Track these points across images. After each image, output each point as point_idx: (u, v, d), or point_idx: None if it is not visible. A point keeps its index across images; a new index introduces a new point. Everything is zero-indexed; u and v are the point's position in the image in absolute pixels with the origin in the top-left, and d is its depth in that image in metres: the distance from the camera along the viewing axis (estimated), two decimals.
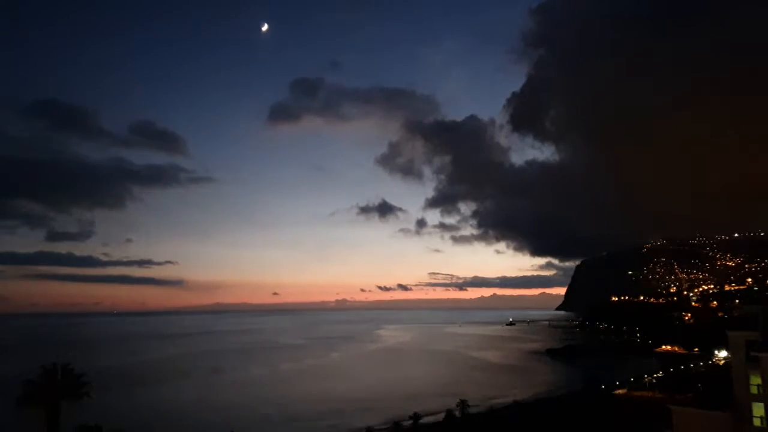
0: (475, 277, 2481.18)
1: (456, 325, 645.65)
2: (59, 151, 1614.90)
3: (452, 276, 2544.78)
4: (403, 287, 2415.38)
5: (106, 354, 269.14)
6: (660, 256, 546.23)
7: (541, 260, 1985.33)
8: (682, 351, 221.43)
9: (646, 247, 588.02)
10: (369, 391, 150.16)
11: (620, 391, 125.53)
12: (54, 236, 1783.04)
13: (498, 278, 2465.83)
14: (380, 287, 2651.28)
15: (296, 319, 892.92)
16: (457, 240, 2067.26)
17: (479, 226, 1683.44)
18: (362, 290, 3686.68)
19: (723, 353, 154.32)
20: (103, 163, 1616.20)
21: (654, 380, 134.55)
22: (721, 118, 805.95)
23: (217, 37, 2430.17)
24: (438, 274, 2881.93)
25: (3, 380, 76.15)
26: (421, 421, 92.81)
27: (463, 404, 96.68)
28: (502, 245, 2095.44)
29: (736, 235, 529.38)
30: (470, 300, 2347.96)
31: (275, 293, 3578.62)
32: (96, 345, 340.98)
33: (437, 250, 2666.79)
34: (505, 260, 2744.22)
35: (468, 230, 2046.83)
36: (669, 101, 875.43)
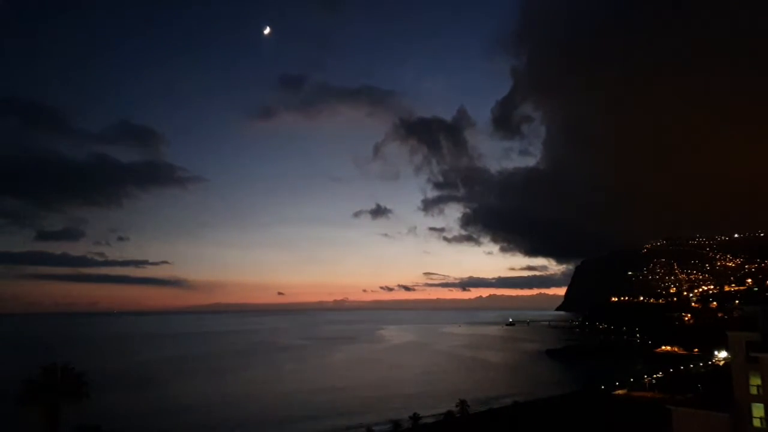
0: (470, 278, 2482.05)
1: (456, 325, 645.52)
2: (40, 150, 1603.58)
3: (447, 276, 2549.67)
4: (405, 288, 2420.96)
5: (105, 354, 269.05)
6: (660, 257, 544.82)
7: (538, 261, 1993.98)
8: (682, 351, 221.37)
9: (646, 248, 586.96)
10: (369, 391, 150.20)
11: (620, 391, 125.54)
12: (44, 235, 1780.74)
13: (495, 279, 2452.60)
14: (383, 287, 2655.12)
15: (296, 319, 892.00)
16: (450, 240, 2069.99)
17: (473, 227, 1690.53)
18: (364, 291, 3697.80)
19: (723, 354, 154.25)
20: (90, 162, 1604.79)
21: (654, 380, 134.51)
22: (720, 117, 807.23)
23: (202, 36, 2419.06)
24: (434, 274, 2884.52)
25: (2, 380, 76.07)
26: (421, 421, 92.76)
27: (463, 404, 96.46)
28: (498, 246, 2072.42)
29: (736, 235, 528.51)
30: (468, 300, 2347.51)
31: (280, 293, 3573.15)
32: (95, 345, 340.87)
33: (431, 251, 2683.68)
34: (501, 261, 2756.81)
35: (461, 231, 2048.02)
36: (668, 100, 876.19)
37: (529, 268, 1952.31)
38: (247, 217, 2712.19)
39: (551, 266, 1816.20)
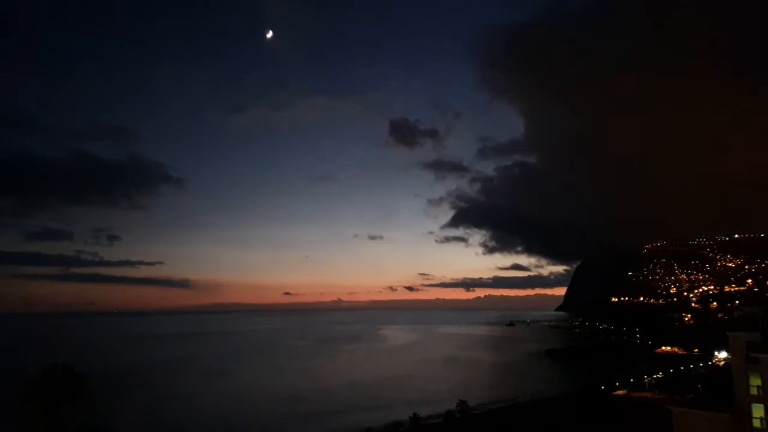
0: (465, 278, 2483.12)
1: (455, 325, 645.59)
2: (20, 150, 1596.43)
3: (444, 277, 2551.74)
4: (409, 288, 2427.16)
5: (105, 354, 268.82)
6: (660, 257, 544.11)
7: (535, 261, 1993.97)
8: (682, 352, 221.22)
9: (646, 248, 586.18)
10: (369, 391, 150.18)
11: (620, 392, 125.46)
12: (35, 236, 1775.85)
13: (491, 279, 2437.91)
14: (386, 288, 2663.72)
15: (298, 320, 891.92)
16: (443, 241, 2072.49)
17: (466, 227, 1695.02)
18: (368, 291, 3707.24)
19: (723, 354, 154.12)
20: (75, 161, 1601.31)
21: (654, 381, 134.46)
22: (720, 118, 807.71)
23: (189, 34, 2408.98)
24: (429, 275, 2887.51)
25: (2, 380, 76.02)
26: (421, 421, 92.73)
27: (462, 405, 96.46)
28: (493, 246, 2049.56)
29: (736, 236, 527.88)
30: (467, 300, 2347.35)
31: (287, 293, 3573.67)
32: (94, 345, 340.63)
33: (425, 252, 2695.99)
34: (497, 261, 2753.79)
35: (454, 232, 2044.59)
36: (668, 101, 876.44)
37: (527, 268, 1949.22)
38: (241, 218, 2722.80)
39: (550, 267, 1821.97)
